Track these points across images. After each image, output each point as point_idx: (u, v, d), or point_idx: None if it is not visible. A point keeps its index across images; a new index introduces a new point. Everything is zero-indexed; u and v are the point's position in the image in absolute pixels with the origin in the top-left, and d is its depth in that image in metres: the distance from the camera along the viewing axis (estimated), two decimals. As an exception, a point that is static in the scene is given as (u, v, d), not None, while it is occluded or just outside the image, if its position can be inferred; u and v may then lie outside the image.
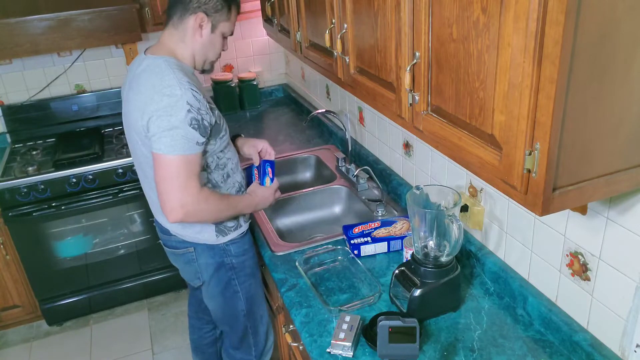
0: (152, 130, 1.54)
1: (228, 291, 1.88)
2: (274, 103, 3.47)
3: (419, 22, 1.17)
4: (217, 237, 1.79)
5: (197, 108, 1.55)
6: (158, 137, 1.53)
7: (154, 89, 1.54)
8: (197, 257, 1.82)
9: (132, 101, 1.61)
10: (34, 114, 3.05)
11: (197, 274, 1.86)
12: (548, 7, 0.82)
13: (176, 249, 1.85)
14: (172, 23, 1.66)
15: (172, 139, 1.52)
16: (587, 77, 0.87)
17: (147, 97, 1.55)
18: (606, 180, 0.99)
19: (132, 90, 1.62)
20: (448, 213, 1.47)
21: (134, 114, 1.60)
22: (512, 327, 1.48)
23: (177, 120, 1.51)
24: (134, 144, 1.68)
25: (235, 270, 1.86)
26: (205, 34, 1.66)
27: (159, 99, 1.52)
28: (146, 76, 1.58)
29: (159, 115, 1.52)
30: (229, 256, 1.84)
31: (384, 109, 1.45)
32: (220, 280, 1.86)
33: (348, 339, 1.42)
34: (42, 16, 2.54)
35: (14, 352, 2.91)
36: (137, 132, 1.61)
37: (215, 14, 1.65)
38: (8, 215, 2.66)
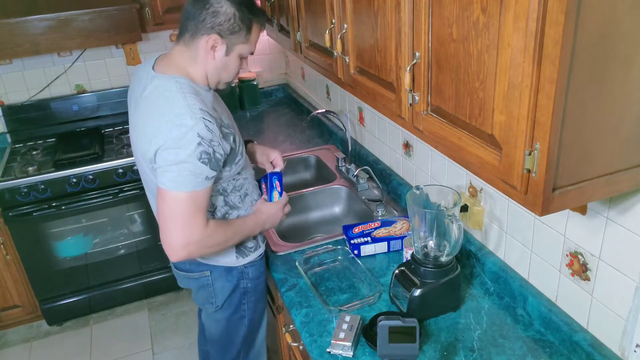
0: (158, 162, 1.41)
1: (235, 316, 1.77)
2: (274, 103, 3.47)
3: (419, 22, 1.17)
4: (237, 259, 1.68)
5: (209, 140, 1.40)
6: (163, 170, 1.40)
7: (163, 117, 1.40)
8: (213, 281, 1.69)
9: (140, 126, 1.48)
10: (34, 114, 3.05)
11: (211, 298, 1.73)
12: (548, 7, 0.82)
13: (190, 272, 1.71)
14: (184, 40, 1.51)
15: (178, 174, 1.38)
16: (587, 77, 0.87)
17: (156, 125, 1.41)
18: (606, 180, 0.99)
19: (139, 113, 1.49)
20: (448, 213, 1.47)
21: (141, 140, 1.47)
22: (512, 327, 1.48)
23: (185, 154, 1.37)
24: (142, 168, 1.58)
25: (247, 294, 1.75)
26: (218, 57, 1.50)
27: (168, 129, 1.38)
28: (156, 100, 1.45)
29: (167, 147, 1.38)
30: (244, 279, 1.72)
31: (384, 109, 1.45)
32: (232, 304, 1.74)
33: (348, 339, 1.42)
34: (42, 16, 2.54)
35: (14, 352, 2.91)
36: (145, 159, 1.49)
37: (230, 35, 1.49)
38: (8, 215, 2.66)
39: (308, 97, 3.19)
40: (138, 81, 1.57)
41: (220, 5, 1.46)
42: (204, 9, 1.45)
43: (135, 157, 1.60)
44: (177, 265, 1.76)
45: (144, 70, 1.56)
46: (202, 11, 1.45)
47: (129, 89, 1.64)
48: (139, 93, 1.52)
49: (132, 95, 1.59)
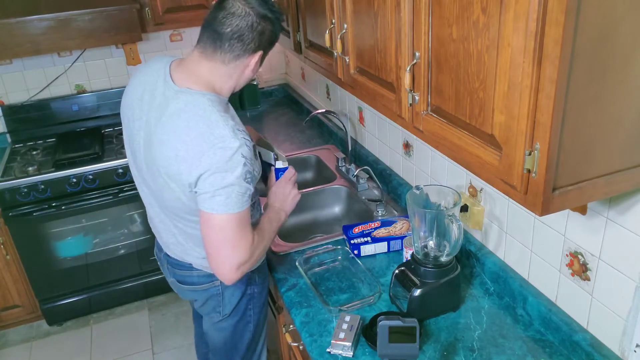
0: (203, 188, 1.35)
1: (241, 322, 1.73)
2: (274, 103, 3.47)
3: (419, 22, 1.18)
4: None
5: (250, 159, 1.38)
6: (211, 195, 1.35)
7: (205, 141, 1.34)
8: (222, 290, 1.65)
9: (168, 146, 1.39)
10: (34, 114, 3.05)
11: (219, 307, 1.69)
12: (548, 7, 0.82)
13: (198, 285, 1.66)
14: (222, 59, 1.43)
15: (227, 197, 1.34)
16: (587, 77, 0.87)
17: (197, 149, 1.34)
18: (606, 180, 0.99)
19: (165, 129, 1.40)
20: (448, 213, 1.47)
21: (172, 162, 1.38)
22: (512, 327, 1.48)
23: (233, 177, 1.34)
24: (162, 187, 1.47)
25: (253, 300, 1.72)
26: (256, 69, 1.51)
27: (212, 152, 1.33)
28: (189, 119, 1.37)
29: (213, 172, 1.33)
30: (252, 285, 1.70)
31: (384, 109, 1.45)
32: (239, 311, 1.71)
33: (348, 339, 1.42)
34: (42, 16, 2.54)
35: (14, 352, 2.91)
36: (176, 180, 1.40)
37: (269, 46, 1.50)
38: (8, 215, 2.66)
39: (308, 97, 3.19)
40: (150, 88, 1.48)
41: (261, 24, 1.42)
42: (251, 30, 1.41)
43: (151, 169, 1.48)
44: (183, 280, 1.70)
45: (157, 77, 1.47)
46: (250, 33, 1.41)
47: (130, 93, 1.55)
48: (156, 103, 1.44)
49: (139, 102, 1.49)
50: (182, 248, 1.61)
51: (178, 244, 1.61)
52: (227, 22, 1.40)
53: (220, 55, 1.43)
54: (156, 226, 1.68)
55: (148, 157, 1.47)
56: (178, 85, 1.42)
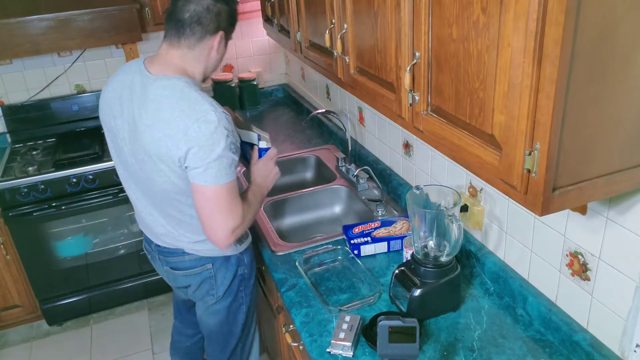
0: (194, 163, 1.46)
1: (235, 304, 1.83)
2: (274, 103, 3.47)
3: (419, 22, 1.18)
4: (235, 247, 1.75)
5: (232, 130, 1.49)
6: (204, 169, 1.45)
7: (187, 116, 1.44)
8: (215, 273, 1.75)
9: (155, 129, 1.48)
10: (34, 114, 3.05)
11: (212, 290, 1.78)
12: (548, 7, 0.82)
13: (191, 269, 1.75)
14: (188, 44, 1.55)
15: (217, 170, 1.46)
16: (587, 77, 0.87)
17: (179, 125, 1.44)
18: (606, 180, 0.99)
19: (148, 114, 1.49)
20: (448, 213, 1.47)
21: (160, 142, 1.48)
22: (512, 327, 1.48)
23: (220, 149, 1.45)
24: (152, 172, 1.55)
25: (244, 281, 1.82)
26: (221, 50, 1.63)
27: (196, 127, 1.43)
28: (169, 100, 1.47)
29: (201, 145, 1.43)
30: (242, 266, 1.79)
31: (384, 109, 1.45)
32: (231, 293, 1.80)
33: (348, 339, 1.42)
34: (42, 16, 2.54)
35: (14, 352, 2.91)
36: (165, 160, 1.49)
37: (230, 27, 1.63)
38: (8, 215, 2.66)
39: (308, 97, 3.19)
40: (128, 85, 1.56)
41: (217, 5, 1.55)
42: (208, 12, 1.54)
43: (137, 154, 1.56)
44: (176, 266, 1.77)
45: (133, 74, 1.57)
46: (207, 15, 1.54)
47: (107, 96, 1.63)
48: (136, 96, 1.53)
49: (123, 100, 1.57)
50: (172, 236, 1.70)
51: (168, 233, 1.70)
52: (185, 9, 1.53)
53: (185, 41, 1.55)
54: (145, 220, 1.75)
55: (135, 146, 1.55)
56: (154, 75, 1.53)
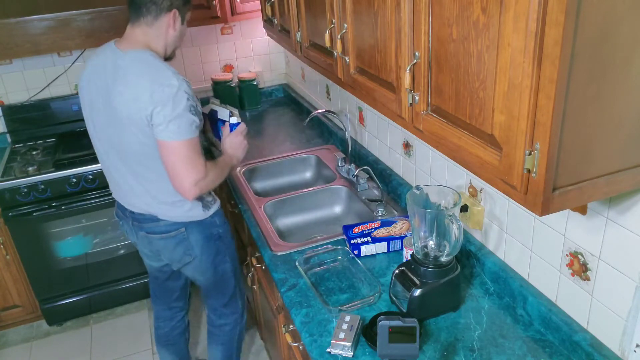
0: (157, 120, 1.67)
1: (217, 259, 2.06)
2: (274, 103, 3.47)
3: (419, 22, 1.18)
4: (204, 212, 1.96)
5: (192, 95, 1.72)
6: (165, 125, 1.67)
7: (153, 81, 1.66)
8: (188, 235, 1.96)
9: (125, 93, 1.70)
10: (34, 114, 3.05)
11: (188, 251, 1.99)
12: (548, 7, 0.82)
13: (166, 233, 1.95)
14: (146, 22, 1.78)
15: (178, 126, 1.68)
16: (587, 77, 0.87)
17: (146, 88, 1.66)
18: (606, 180, 0.99)
19: (120, 82, 1.71)
20: (448, 213, 1.47)
21: (130, 105, 1.69)
22: (512, 327, 1.48)
23: (180, 108, 1.67)
24: (124, 134, 1.76)
25: (221, 239, 2.05)
26: (177, 27, 1.83)
27: (160, 90, 1.65)
28: (137, 68, 1.71)
29: (164, 104, 1.65)
30: (215, 227, 2.01)
31: (384, 109, 1.45)
32: (211, 251, 2.03)
33: (348, 339, 1.42)
34: (42, 16, 2.54)
35: (14, 352, 2.91)
36: (135, 121, 1.70)
37: (183, 7, 1.83)
38: (8, 215, 2.66)
39: (308, 97, 3.19)
40: (102, 63, 1.79)
41: None
42: None
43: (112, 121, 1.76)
44: (152, 230, 1.96)
45: (106, 53, 1.80)
46: None
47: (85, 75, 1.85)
48: (109, 70, 1.75)
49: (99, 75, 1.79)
50: (146, 202, 1.90)
51: (142, 198, 1.90)
52: None
53: (143, 19, 1.77)
54: (122, 188, 1.94)
55: (109, 114, 1.76)
56: (124, 51, 1.75)
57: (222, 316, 2.25)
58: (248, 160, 2.61)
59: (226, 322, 2.26)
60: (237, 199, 2.31)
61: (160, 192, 1.86)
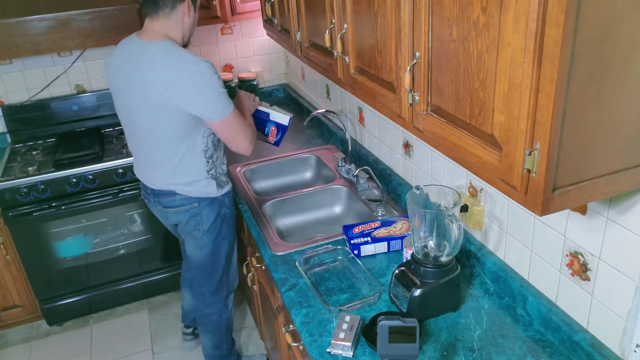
0: (201, 105, 1.82)
1: (219, 238, 2.18)
2: (274, 103, 3.45)
3: (419, 22, 1.18)
4: (217, 190, 2.09)
5: (216, 71, 1.84)
6: (213, 106, 1.83)
7: (182, 69, 1.79)
8: (200, 211, 2.10)
9: (153, 81, 1.81)
10: (34, 114, 3.05)
11: (199, 225, 2.13)
12: (548, 7, 0.82)
13: (181, 207, 2.10)
14: (164, 14, 1.89)
15: (223, 103, 1.84)
16: (587, 77, 0.87)
17: (176, 77, 1.79)
18: (606, 180, 0.99)
19: (146, 71, 1.83)
20: (448, 213, 1.47)
21: (158, 92, 1.81)
22: (512, 327, 1.48)
23: (217, 86, 1.82)
24: (149, 118, 1.89)
25: (226, 219, 2.17)
26: (191, 15, 1.96)
27: (190, 74, 1.79)
28: (163, 56, 1.82)
29: (201, 89, 1.80)
30: (224, 207, 2.14)
31: (384, 109, 1.45)
32: (215, 228, 2.15)
33: (348, 339, 1.42)
34: (42, 16, 2.54)
35: (14, 352, 2.91)
36: (161, 106, 1.83)
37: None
38: (8, 215, 2.66)
39: (308, 97, 3.19)
40: (127, 53, 1.93)
41: None
42: None
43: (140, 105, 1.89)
44: (168, 204, 2.11)
45: (130, 45, 1.93)
46: None
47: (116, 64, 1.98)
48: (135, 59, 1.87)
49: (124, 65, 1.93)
50: (165, 180, 2.05)
51: (162, 176, 2.04)
52: None
53: (161, 12, 1.89)
54: (145, 168, 2.11)
55: (135, 98, 1.89)
56: (146, 42, 1.87)
57: (209, 305, 2.33)
58: (248, 161, 2.61)
59: (212, 311, 2.35)
60: (237, 199, 2.31)
61: (179, 172, 2.00)
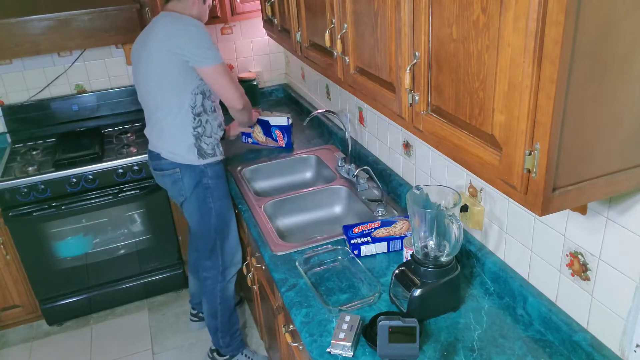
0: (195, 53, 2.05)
1: (203, 208, 2.29)
2: (274, 103, 3.47)
3: (419, 22, 1.18)
4: (198, 159, 2.23)
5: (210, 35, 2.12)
6: (204, 52, 2.06)
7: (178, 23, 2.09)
8: (182, 176, 2.25)
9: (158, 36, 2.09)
10: (34, 114, 3.05)
11: (181, 191, 2.28)
12: (548, 7, 0.82)
13: (166, 170, 2.27)
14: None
15: (213, 52, 2.09)
16: (587, 77, 0.87)
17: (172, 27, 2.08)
18: (606, 180, 0.99)
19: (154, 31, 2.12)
20: (448, 213, 1.47)
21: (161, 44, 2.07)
22: (512, 327, 1.48)
23: (208, 39, 2.09)
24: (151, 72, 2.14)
25: (210, 190, 2.27)
26: (199, 6, 2.22)
27: (188, 31, 2.07)
28: (165, 20, 2.12)
29: (197, 40, 2.06)
30: (205, 177, 2.26)
31: (384, 109, 1.45)
32: (198, 197, 2.27)
33: (348, 339, 1.42)
34: (42, 16, 2.54)
35: (14, 352, 2.91)
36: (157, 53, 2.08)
37: None
38: (8, 215, 2.66)
39: (308, 97, 3.19)
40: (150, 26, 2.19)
41: None
42: None
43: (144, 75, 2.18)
44: (155, 167, 2.32)
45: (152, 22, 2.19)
46: None
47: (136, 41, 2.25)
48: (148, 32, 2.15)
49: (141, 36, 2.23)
50: (156, 141, 2.27)
51: (154, 137, 2.27)
52: None
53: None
54: (147, 127, 2.33)
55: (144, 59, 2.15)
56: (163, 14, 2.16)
57: (205, 269, 2.41)
58: (248, 161, 2.61)
59: (207, 275, 2.42)
60: (237, 199, 2.31)
61: (165, 141, 2.20)
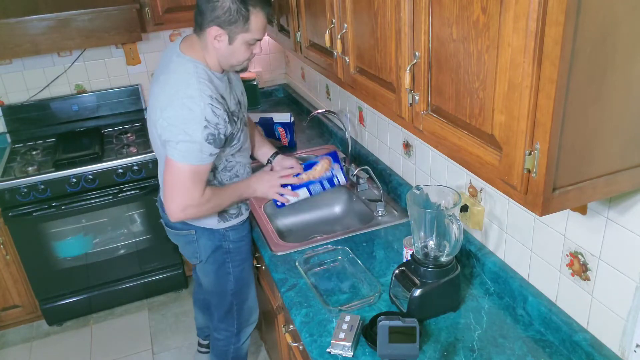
0: (166, 136, 1.63)
1: (221, 271, 2.01)
2: (274, 103, 3.47)
3: (419, 22, 1.18)
4: (218, 222, 1.92)
5: (215, 123, 1.62)
6: (174, 144, 1.62)
7: (177, 95, 1.62)
8: (197, 239, 1.95)
9: (156, 96, 1.70)
10: (34, 114, 3.05)
11: (196, 253, 1.99)
12: (548, 7, 0.82)
13: (178, 230, 1.96)
14: (196, 31, 1.69)
15: (187, 151, 1.62)
16: (587, 77, 0.87)
17: (168, 99, 1.63)
18: (606, 180, 0.99)
19: (158, 83, 1.71)
20: (448, 213, 1.47)
21: (155, 110, 1.69)
22: (512, 327, 1.48)
23: (194, 135, 1.60)
24: (153, 135, 1.80)
25: (230, 254, 1.99)
26: (222, 46, 1.66)
27: (179, 106, 1.60)
28: (173, 76, 1.67)
29: (176, 125, 1.60)
30: (226, 241, 1.96)
31: (384, 109, 1.45)
32: (216, 261, 1.99)
33: (348, 339, 1.43)
34: (42, 16, 2.54)
35: (14, 352, 2.91)
36: (156, 128, 1.70)
37: (229, 26, 1.61)
38: (8, 215, 2.66)
39: (308, 97, 3.19)
40: (166, 58, 1.78)
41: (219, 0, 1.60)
42: (207, 3, 1.61)
43: (149, 122, 1.81)
44: (168, 224, 1.99)
45: (172, 49, 1.77)
46: (206, 5, 1.61)
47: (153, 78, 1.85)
48: (163, 67, 1.75)
49: (156, 72, 1.82)
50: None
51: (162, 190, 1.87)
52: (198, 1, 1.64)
53: (196, 27, 1.69)
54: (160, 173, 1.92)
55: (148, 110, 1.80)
56: (180, 51, 1.71)
57: (217, 329, 2.20)
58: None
59: (219, 337, 2.21)
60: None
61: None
